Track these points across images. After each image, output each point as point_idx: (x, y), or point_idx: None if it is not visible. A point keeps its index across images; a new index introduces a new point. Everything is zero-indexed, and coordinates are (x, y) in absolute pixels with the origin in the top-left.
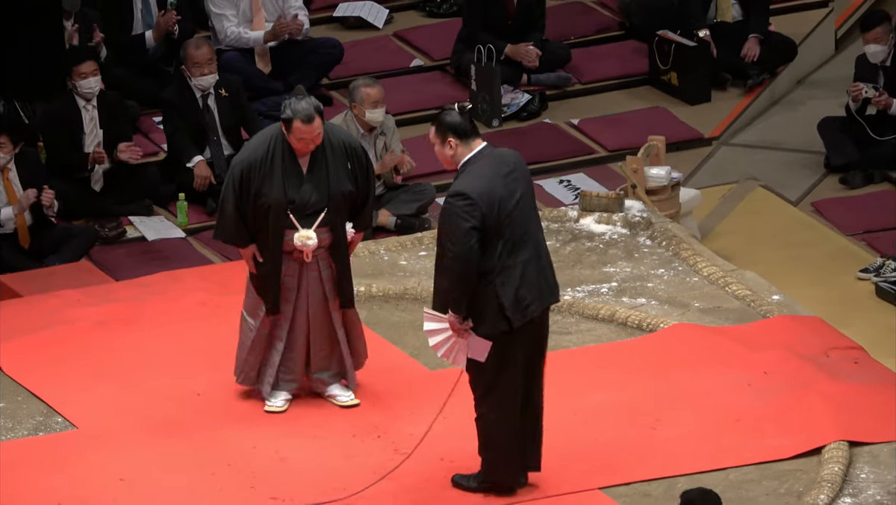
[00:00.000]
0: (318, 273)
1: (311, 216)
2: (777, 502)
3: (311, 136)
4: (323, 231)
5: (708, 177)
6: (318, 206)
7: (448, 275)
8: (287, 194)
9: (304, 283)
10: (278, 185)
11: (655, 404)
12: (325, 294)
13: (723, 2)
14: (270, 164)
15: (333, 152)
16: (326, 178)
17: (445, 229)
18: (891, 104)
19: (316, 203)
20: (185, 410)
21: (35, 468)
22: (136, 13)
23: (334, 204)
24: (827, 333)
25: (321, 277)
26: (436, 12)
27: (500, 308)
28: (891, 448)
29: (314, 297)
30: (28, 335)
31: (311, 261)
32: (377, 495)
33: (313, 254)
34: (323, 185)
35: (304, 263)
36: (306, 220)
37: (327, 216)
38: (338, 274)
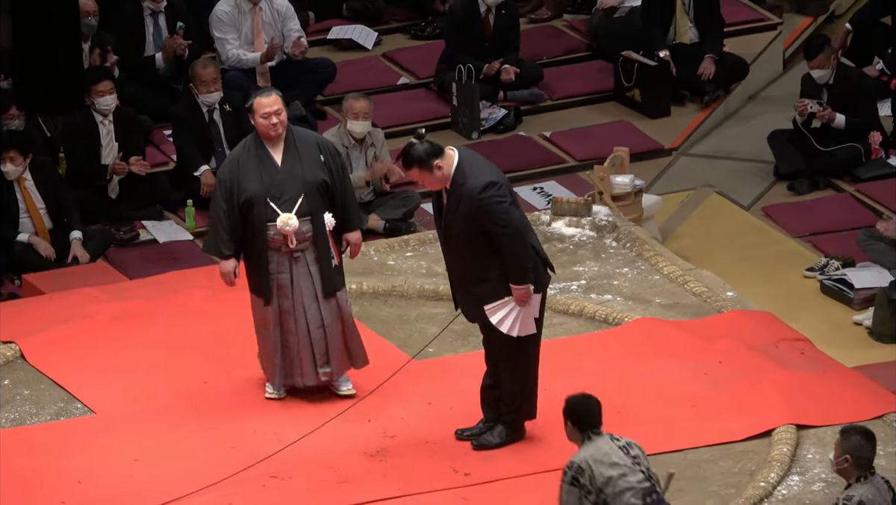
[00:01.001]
0: (306, 268)
1: (289, 203)
2: (731, 481)
3: (272, 109)
4: (304, 222)
5: (668, 184)
6: (294, 193)
7: (521, 252)
8: (264, 184)
9: (296, 278)
10: (255, 178)
11: (620, 391)
12: (315, 289)
13: (681, 25)
14: (247, 161)
15: (306, 146)
16: (300, 167)
17: (493, 219)
18: (833, 118)
19: (293, 191)
20: (193, 396)
21: (57, 450)
22: (147, 36)
23: (310, 191)
24: (776, 326)
25: (310, 272)
26: (420, 35)
27: (542, 261)
28: (834, 430)
29: (307, 291)
30: (50, 329)
31: (300, 256)
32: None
33: (299, 248)
34: (297, 174)
35: (293, 259)
36: (285, 208)
37: (304, 203)
38: (320, 265)
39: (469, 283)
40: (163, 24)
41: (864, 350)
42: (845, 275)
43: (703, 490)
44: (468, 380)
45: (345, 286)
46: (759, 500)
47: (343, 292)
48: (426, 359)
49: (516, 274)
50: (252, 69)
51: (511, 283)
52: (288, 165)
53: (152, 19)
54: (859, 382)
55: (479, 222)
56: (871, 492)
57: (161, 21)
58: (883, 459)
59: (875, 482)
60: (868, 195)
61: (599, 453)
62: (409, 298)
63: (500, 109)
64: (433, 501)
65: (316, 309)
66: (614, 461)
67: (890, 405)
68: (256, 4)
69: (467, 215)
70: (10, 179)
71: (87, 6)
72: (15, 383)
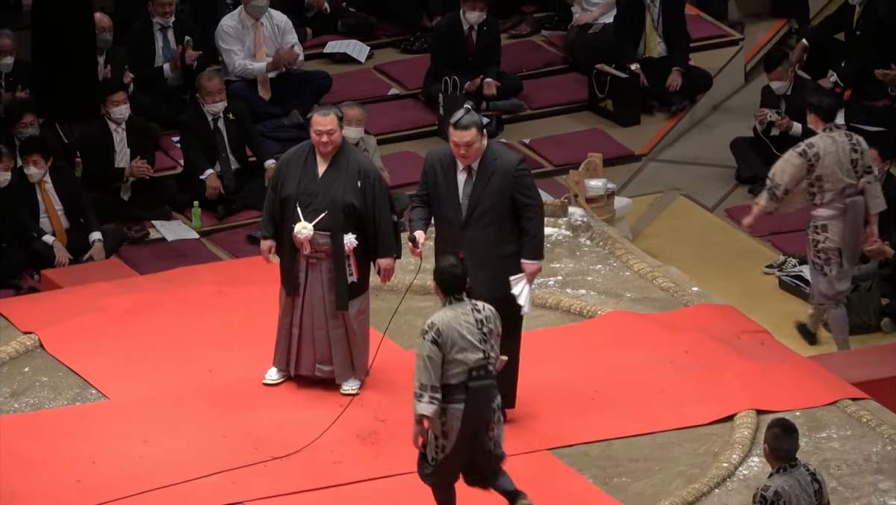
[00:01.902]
0: (320, 275)
1: (313, 214)
2: (696, 461)
3: (326, 128)
4: (324, 236)
5: (638, 187)
6: (320, 207)
7: (542, 225)
8: (299, 189)
9: (309, 281)
10: (294, 181)
11: (594, 378)
12: (324, 295)
13: (650, 40)
14: (296, 163)
15: (349, 168)
16: (335, 186)
17: (528, 192)
18: (791, 126)
19: (319, 204)
20: (200, 383)
21: (73, 432)
22: (157, 49)
23: (334, 209)
24: (738, 319)
25: (322, 280)
26: (409, 49)
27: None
28: (791, 415)
29: (315, 295)
30: (67, 320)
31: (316, 263)
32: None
33: (317, 257)
34: (329, 191)
35: (311, 264)
36: (309, 217)
37: (326, 218)
38: (336, 279)
39: (490, 259)
40: (171, 38)
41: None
42: (802, 272)
43: (671, 470)
44: None
45: (362, 303)
46: (722, 479)
47: (357, 307)
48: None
49: (536, 249)
50: (254, 80)
51: (529, 258)
52: (325, 180)
53: (161, 34)
54: (814, 370)
55: (512, 196)
56: (788, 483)
57: (170, 35)
58: (836, 442)
59: (796, 474)
60: None
61: (455, 322)
62: (398, 293)
63: (483, 118)
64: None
65: (322, 313)
66: (463, 334)
67: (843, 392)
68: (258, 20)
69: (501, 189)
70: (33, 182)
71: (102, 22)
72: (34, 371)
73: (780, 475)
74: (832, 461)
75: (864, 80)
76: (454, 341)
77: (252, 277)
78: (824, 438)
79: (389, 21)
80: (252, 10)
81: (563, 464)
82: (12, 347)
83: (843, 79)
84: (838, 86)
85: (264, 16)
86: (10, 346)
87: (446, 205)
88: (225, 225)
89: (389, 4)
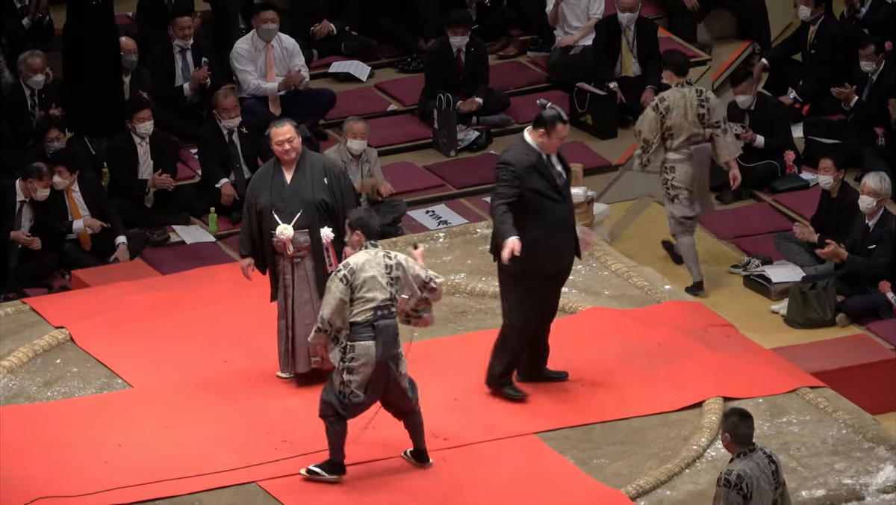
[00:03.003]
0: (305, 273)
1: (289, 216)
2: (668, 444)
3: (286, 137)
4: (303, 234)
5: (615, 195)
6: (295, 208)
7: None
8: (272, 199)
9: (296, 281)
10: (266, 193)
11: (575, 368)
12: (311, 294)
13: (626, 61)
14: (265, 178)
15: (313, 169)
16: (304, 187)
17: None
18: (754, 139)
19: (293, 206)
20: (215, 373)
21: (101, 418)
22: (177, 70)
23: (309, 208)
24: (705, 314)
25: (307, 278)
26: (407, 69)
27: None
28: (755, 402)
29: (302, 295)
30: (95, 316)
31: (300, 262)
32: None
33: (298, 255)
34: (300, 192)
35: (295, 264)
36: (286, 220)
37: (302, 218)
38: (317, 272)
39: (572, 226)
40: (190, 59)
41: (780, 334)
42: (764, 271)
43: (646, 452)
44: (447, 359)
45: None
46: (692, 460)
47: None
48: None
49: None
50: (266, 97)
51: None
52: (294, 184)
53: (181, 56)
54: (775, 361)
55: None
56: (748, 466)
57: (188, 57)
58: (796, 427)
59: (755, 457)
60: (783, 204)
61: (367, 265)
62: None
63: (474, 132)
64: None
65: (310, 310)
66: (372, 275)
67: (802, 381)
68: (269, 43)
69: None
70: (59, 189)
71: (128, 45)
72: (65, 362)
73: (740, 459)
74: (792, 444)
75: (820, 96)
76: (364, 281)
77: (263, 276)
78: (785, 422)
79: (388, 44)
80: (263, 33)
81: (546, 446)
82: (45, 340)
83: (802, 95)
84: (797, 101)
85: (275, 39)
86: (44, 339)
87: (546, 190)
88: (238, 229)
89: (388, 29)
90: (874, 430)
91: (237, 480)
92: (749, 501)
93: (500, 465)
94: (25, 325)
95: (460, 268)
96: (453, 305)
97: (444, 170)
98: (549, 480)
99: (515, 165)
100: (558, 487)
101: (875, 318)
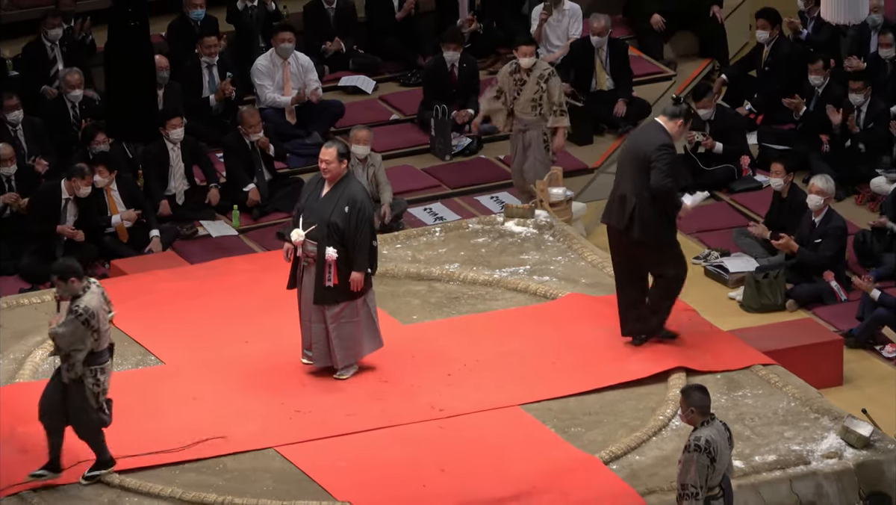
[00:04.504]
0: (311, 277)
1: (307, 224)
2: (637, 415)
3: (324, 158)
4: (312, 244)
5: (591, 194)
6: (313, 220)
7: None
8: (305, 204)
9: (305, 280)
10: (305, 197)
11: (554, 347)
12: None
13: (600, 76)
14: (313, 183)
15: (343, 195)
16: (328, 207)
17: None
18: (714, 145)
19: (313, 218)
20: (237, 351)
21: (137, 390)
22: (204, 83)
23: (321, 224)
24: None
25: (311, 283)
26: (407, 83)
27: None
28: (714, 378)
29: (307, 293)
30: (132, 300)
31: (308, 267)
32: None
33: (308, 262)
34: (323, 210)
35: (304, 267)
36: (304, 226)
37: (315, 231)
38: (316, 280)
39: None
40: (216, 74)
41: (736, 318)
42: (722, 262)
43: (617, 422)
44: (444, 339)
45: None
46: (658, 429)
47: (335, 311)
48: (411, 324)
49: None
50: (283, 108)
51: None
52: (323, 201)
53: (208, 71)
54: (732, 341)
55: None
56: (713, 432)
57: (214, 72)
58: (750, 399)
59: (715, 425)
60: (740, 203)
61: (100, 303)
62: (398, 279)
63: (466, 138)
64: (417, 429)
65: (312, 309)
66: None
67: (755, 358)
68: (286, 60)
69: None
70: (99, 188)
71: (161, 63)
72: None
73: (704, 427)
74: (747, 415)
75: (773, 107)
76: (99, 319)
77: (281, 265)
78: (740, 395)
79: (391, 61)
80: (281, 51)
81: (529, 416)
82: None
83: (756, 107)
84: (752, 112)
85: (291, 56)
86: None
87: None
88: (258, 224)
89: (391, 48)
90: (819, 402)
91: (256, 446)
92: (715, 463)
93: (490, 433)
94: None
95: (454, 259)
96: (448, 291)
97: (440, 172)
98: (532, 446)
99: (674, 148)
100: (541, 452)
101: (820, 303)
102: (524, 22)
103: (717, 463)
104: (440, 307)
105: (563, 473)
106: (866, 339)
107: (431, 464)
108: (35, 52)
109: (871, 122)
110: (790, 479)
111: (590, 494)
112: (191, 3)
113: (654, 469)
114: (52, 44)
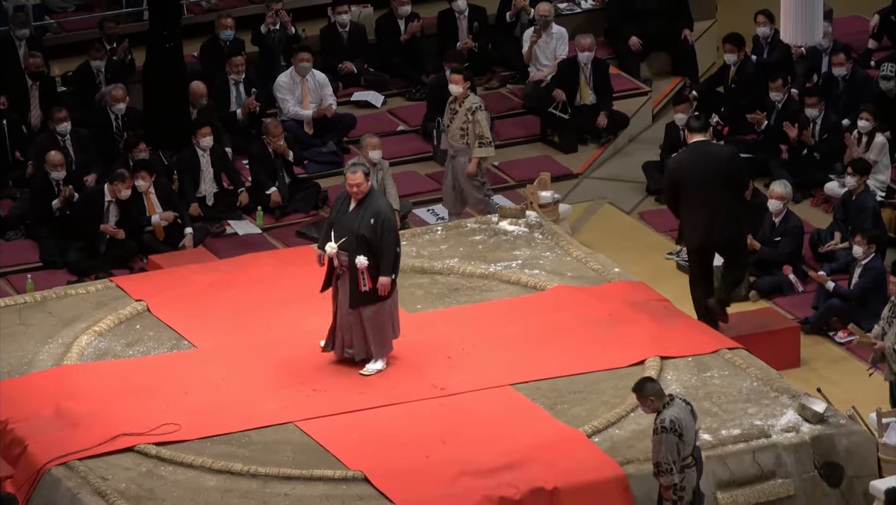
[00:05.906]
0: (346, 283)
1: (338, 237)
2: (618, 393)
3: (355, 182)
4: (344, 254)
5: (576, 197)
6: (344, 233)
7: None
8: (336, 218)
9: (340, 285)
10: (335, 212)
11: (543, 333)
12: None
13: (583, 91)
14: (341, 199)
15: (368, 209)
16: (356, 220)
17: None
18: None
19: (344, 231)
20: (261, 337)
21: (171, 371)
22: (231, 98)
23: (350, 236)
24: (647, 291)
25: (346, 288)
26: (413, 98)
27: None
28: (685, 360)
29: (343, 296)
30: (168, 291)
31: (343, 275)
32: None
33: (342, 270)
34: (352, 223)
35: (339, 275)
36: (336, 239)
37: (345, 243)
38: (350, 286)
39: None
40: (242, 90)
41: None
42: None
43: (599, 399)
44: (445, 326)
45: (379, 308)
46: (636, 406)
47: (372, 310)
48: (415, 313)
49: None
50: (302, 120)
51: None
52: (351, 215)
53: (235, 87)
54: (702, 327)
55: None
56: (675, 411)
57: (241, 88)
58: (717, 379)
59: (676, 403)
60: None
61: None
62: (403, 272)
63: None
64: (421, 406)
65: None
66: None
67: (722, 343)
68: (304, 77)
69: None
70: (140, 191)
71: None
72: (143, 327)
73: (666, 409)
74: (714, 393)
75: (738, 120)
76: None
77: (301, 261)
78: (708, 376)
79: (398, 78)
80: (300, 69)
81: (521, 395)
82: (128, 310)
83: (723, 120)
84: (719, 124)
85: (309, 74)
86: (126, 309)
87: None
88: (280, 224)
89: (398, 66)
90: (779, 382)
91: (277, 421)
92: (683, 438)
93: (485, 409)
94: (112, 298)
95: (454, 254)
96: (448, 283)
97: (441, 177)
98: (523, 421)
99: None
100: (531, 426)
101: (780, 294)
102: (516, 44)
103: (685, 437)
104: (442, 297)
105: (550, 445)
106: (821, 326)
107: (434, 436)
108: (84, 73)
109: (825, 133)
110: (753, 450)
111: (574, 463)
112: (222, 24)
113: (631, 441)
114: (98, 70)
